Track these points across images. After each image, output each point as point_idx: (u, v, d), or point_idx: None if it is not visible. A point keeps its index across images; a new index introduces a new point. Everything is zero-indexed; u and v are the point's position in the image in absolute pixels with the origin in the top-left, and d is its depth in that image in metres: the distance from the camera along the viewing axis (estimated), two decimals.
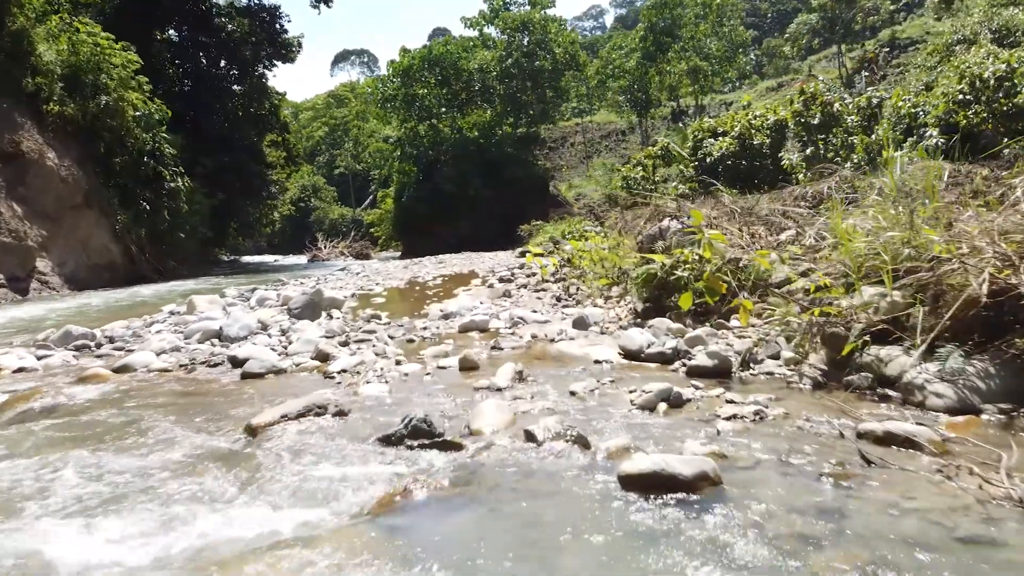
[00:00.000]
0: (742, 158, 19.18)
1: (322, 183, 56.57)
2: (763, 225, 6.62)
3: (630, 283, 5.14)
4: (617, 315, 5.28)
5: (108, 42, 17.61)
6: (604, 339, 4.56)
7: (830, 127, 14.19)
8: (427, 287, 10.00)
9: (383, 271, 13.28)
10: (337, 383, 3.71)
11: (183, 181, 18.43)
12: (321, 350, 4.39)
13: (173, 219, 17.77)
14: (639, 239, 5.34)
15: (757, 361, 3.60)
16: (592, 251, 8.01)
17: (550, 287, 7.97)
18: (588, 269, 7.17)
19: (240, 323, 5.55)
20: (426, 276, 11.77)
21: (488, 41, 34.06)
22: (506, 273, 10.58)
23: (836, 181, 8.45)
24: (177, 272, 18.06)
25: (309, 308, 6.14)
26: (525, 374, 3.60)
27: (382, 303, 8.02)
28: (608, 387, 3.33)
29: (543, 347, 4.52)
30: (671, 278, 4.60)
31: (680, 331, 4.25)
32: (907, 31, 35.55)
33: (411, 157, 33.25)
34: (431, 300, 8.08)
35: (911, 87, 20.33)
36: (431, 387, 3.55)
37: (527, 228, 26.31)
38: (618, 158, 39.22)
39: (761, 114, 20.06)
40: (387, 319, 6.24)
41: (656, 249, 5.04)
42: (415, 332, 5.41)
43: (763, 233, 5.30)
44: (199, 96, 27.89)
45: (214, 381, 4.02)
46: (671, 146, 20.58)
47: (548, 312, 6.18)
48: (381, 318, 6.19)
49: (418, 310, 7.12)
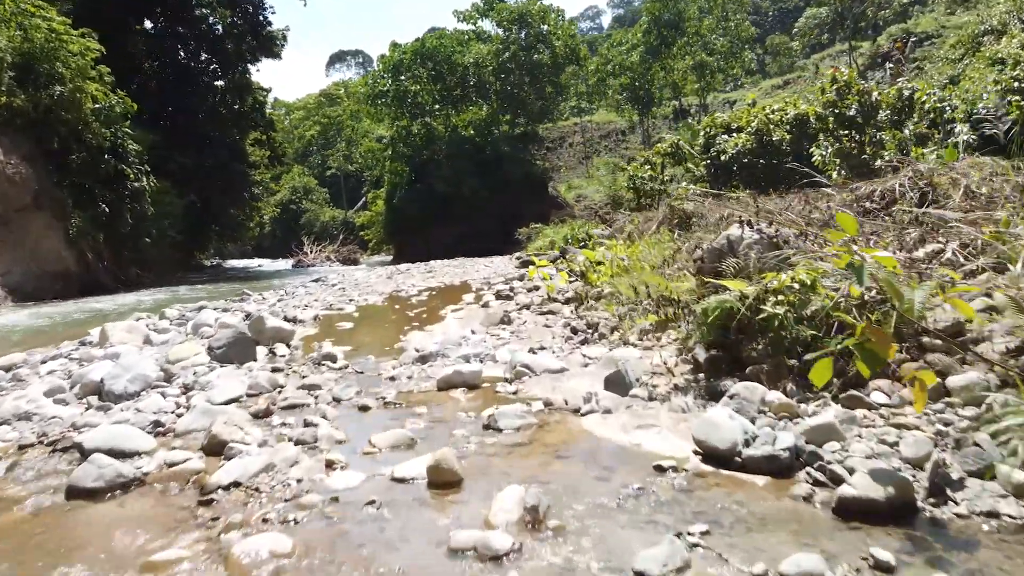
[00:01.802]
0: (760, 155, 17.63)
1: (313, 184, 54.82)
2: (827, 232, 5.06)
3: (692, 324, 3.54)
4: (664, 363, 3.69)
5: (65, 27, 15.97)
6: (658, 411, 2.96)
7: (869, 118, 12.64)
8: (409, 304, 8.39)
9: (363, 282, 11.64)
10: (207, 522, 2.10)
11: (149, 180, 16.77)
12: (215, 435, 2.77)
13: (137, 222, 16.11)
14: (697, 255, 3.74)
15: (952, 484, 2.02)
16: (612, 263, 6.43)
17: (560, 308, 6.38)
18: (611, 288, 5.57)
19: (132, 372, 3.93)
20: (411, 289, 10.15)
21: (483, 35, 32.45)
22: (504, 287, 8.98)
23: (909, 177, 6.91)
24: (142, 281, 16.40)
25: (237, 347, 4.52)
26: (542, 508, 2.00)
27: (348, 330, 6.40)
28: (707, 555, 1.74)
29: (564, 427, 2.91)
30: (758, 317, 3.01)
31: (786, 409, 2.65)
32: (920, 25, 34.08)
33: (403, 156, 31.59)
34: (411, 325, 6.47)
35: (935, 81, 18.84)
36: (373, 538, 1.95)
37: (525, 231, 24.69)
38: (618, 158, 37.65)
39: (780, 108, 18.56)
40: (345, 359, 4.63)
41: (725, 271, 3.45)
42: (377, 386, 3.82)
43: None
44: (177, 91, 26.24)
45: (17, 502, 2.40)
46: (681, 143, 19.03)
47: (561, 350, 4.58)
48: (336, 360, 4.57)
49: (391, 342, 5.51)
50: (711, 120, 20.03)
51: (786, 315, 3.00)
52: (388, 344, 5.43)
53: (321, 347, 5.07)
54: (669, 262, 5.99)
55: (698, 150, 20.30)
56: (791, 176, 18.08)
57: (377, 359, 4.71)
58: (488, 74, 31.03)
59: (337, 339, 5.82)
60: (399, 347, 5.28)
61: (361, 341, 5.76)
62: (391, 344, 5.40)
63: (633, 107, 37.05)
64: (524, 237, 24.59)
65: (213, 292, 13.15)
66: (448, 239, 29.52)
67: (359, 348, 5.34)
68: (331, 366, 4.43)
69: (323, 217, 50.12)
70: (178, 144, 24.77)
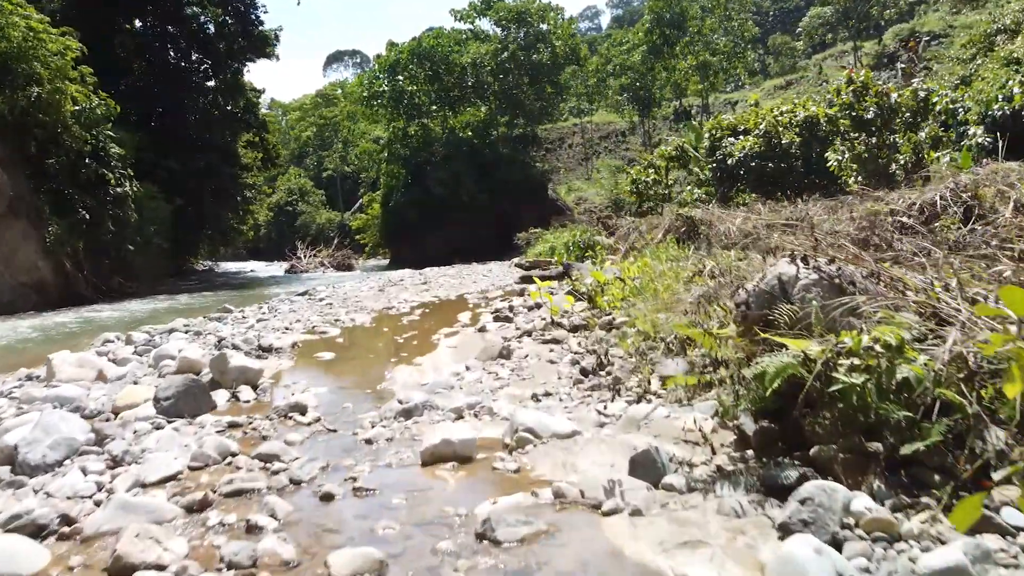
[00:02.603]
0: (769, 159, 16.97)
1: (310, 186, 54.08)
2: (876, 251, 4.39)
3: (736, 385, 2.86)
4: (699, 427, 3.02)
5: (44, 26, 15.26)
6: (704, 514, 2.28)
7: (888, 122, 11.97)
8: (400, 325, 7.71)
9: (352, 296, 10.94)
10: None
11: (132, 186, 16.06)
12: (120, 556, 2.08)
13: (119, 230, 15.40)
14: (740, 298, 3.06)
15: None
16: (624, 286, 5.76)
17: (565, 336, 5.70)
18: (625, 318, 4.90)
19: (54, 436, 3.25)
20: (402, 305, 9.46)
21: (481, 34, 31.76)
22: (503, 304, 8.32)
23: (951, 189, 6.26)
24: (125, 290, 15.70)
25: (188, 397, 3.84)
26: None
27: (328, 362, 5.71)
28: None
29: (582, 537, 2.23)
30: (829, 388, 2.34)
31: (882, 527, 1.97)
32: (927, 24, 33.42)
33: (399, 159, 30.91)
34: (399, 355, 5.79)
35: (945, 82, 18.22)
36: None
37: (525, 236, 24.01)
38: (619, 160, 36.97)
39: (788, 110, 17.89)
40: (316, 410, 3.95)
41: (777, 319, 2.78)
42: (349, 454, 3.14)
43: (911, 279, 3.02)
44: (167, 92, 25.50)
45: None
46: (686, 146, 18.35)
47: (570, 397, 3.91)
48: (306, 412, 3.89)
49: (375, 382, 4.83)
50: (717, 122, 19.36)
51: (866, 386, 2.33)
52: (371, 384, 4.75)
53: (292, 392, 4.39)
54: (686, 284, 5.32)
55: (703, 153, 19.64)
56: (803, 180, 17.44)
57: (355, 407, 4.03)
58: (486, 74, 30.37)
59: (314, 375, 5.14)
60: (383, 388, 4.60)
61: (341, 378, 5.08)
62: (374, 385, 4.71)
63: (634, 108, 36.38)
64: (523, 242, 23.90)
65: (194, 306, 12.46)
66: (445, 243, 28.84)
67: (337, 390, 4.66)
68: (299, 420, 3.75)
69: (319, 219, 49.39)
70: (168, 146, 24.06)
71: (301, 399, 4.07)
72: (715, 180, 19.09)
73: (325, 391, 4.54)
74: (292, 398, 4.13)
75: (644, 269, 6.56)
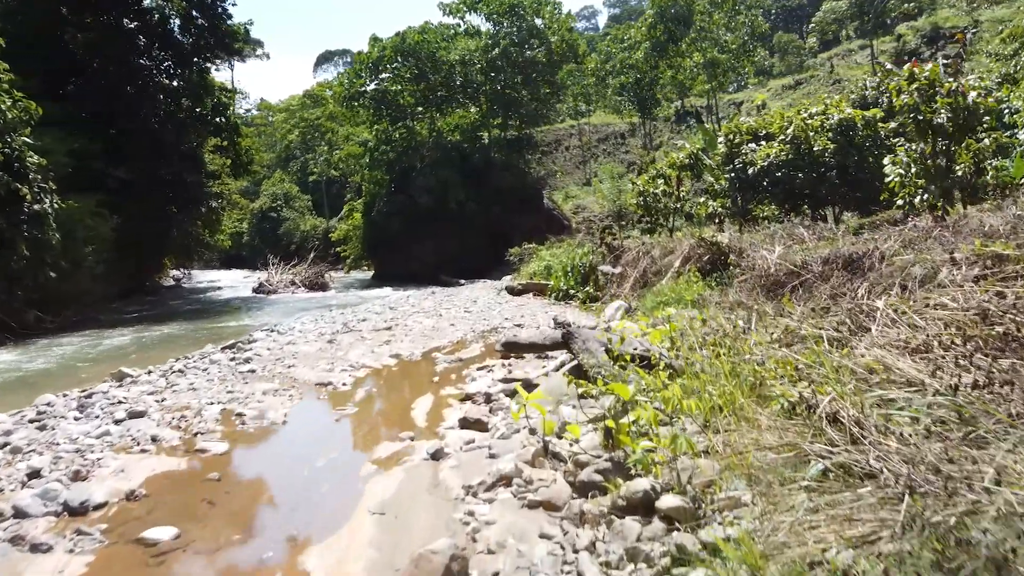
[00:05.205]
0: (799, 168, 14.64)
1: (295, 191, 51.62)
2: None
3: None
4: None
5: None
6: None
7: (966, 128, 9.65)
8: (339, 410, 5.35)
9: (287, 354, 8.48)
10: None
11: (52, 202, 13.64)
12: None
13: (36, 253, 12.99)
14: None
15: None
16: (670, 406, 3.43)
17: (567, 499, 3.35)
18: (670, 484, 2.57)
19: None
20: (345, 376, 7.05)
21: (471, 30, 29.36)
22: (479, 388, 5.97)
23: None
24: (44, 326, 13.29)
25: None
26: None
27: (191, 529, 3.31)
28: None
29: None
30: None
31: None
32: (950, 20, 31.20)
33: (382, 164, 28.49)
34: (298, 530, 3.43)
35: (984, 80, 15.86)
36: None
37: (517, 252, 21.62)
38: (618, 163, 34.63)
39: (820, 112, 15.58)
40: None
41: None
42: None
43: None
44: (125, 92, 23.09)
45: None
46: (700, 155, 16.02)
47: None
48: None
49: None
50: (735, 126, 17.01)
51: None
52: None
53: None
54: (761, 399, 3.03)
55: (718, 161, 17.30)
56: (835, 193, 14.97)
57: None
58: (476, 72, 27.96)
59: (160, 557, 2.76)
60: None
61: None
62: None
63: (634, 108, 34.06)
64: (516, 258, 21.52)
65: (102, 355, 10.03)
66: (432, 256, 26.47)
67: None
68: None
69: (304, 226, 46.95)
70: (126, 152, 21.65)
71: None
72: (732, 191, 16.81)
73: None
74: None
75: (680, 344, 4.24)
